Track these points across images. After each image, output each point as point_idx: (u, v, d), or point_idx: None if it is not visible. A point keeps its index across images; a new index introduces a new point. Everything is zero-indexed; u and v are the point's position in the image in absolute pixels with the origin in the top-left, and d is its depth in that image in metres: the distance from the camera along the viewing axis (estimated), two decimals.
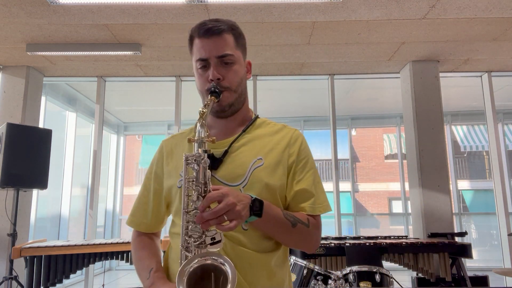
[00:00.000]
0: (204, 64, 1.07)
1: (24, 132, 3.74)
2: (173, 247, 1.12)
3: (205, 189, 0.90)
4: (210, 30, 1.06)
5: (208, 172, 0.91)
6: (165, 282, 1.03)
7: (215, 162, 1.04)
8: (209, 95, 1.03)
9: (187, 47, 1.15)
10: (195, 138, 0.94)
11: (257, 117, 1.19)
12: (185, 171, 0.93)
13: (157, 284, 1.02)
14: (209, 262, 0.84)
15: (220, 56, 1.06)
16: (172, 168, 1.14)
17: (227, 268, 0.83)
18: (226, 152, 1.07)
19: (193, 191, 0.89)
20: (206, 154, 0.92)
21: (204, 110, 0.98)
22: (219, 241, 0.87)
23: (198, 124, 0.96)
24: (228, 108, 1.10)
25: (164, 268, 1.12)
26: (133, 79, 5.13)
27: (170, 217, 1.20)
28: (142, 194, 1.20)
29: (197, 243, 0.87)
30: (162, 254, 1.18)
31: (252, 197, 0.96)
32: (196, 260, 0.84)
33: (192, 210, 0.89)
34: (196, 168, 0.90)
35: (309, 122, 7.02)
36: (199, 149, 0.93)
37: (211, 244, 0.87)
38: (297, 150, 1.12)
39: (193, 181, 0.90)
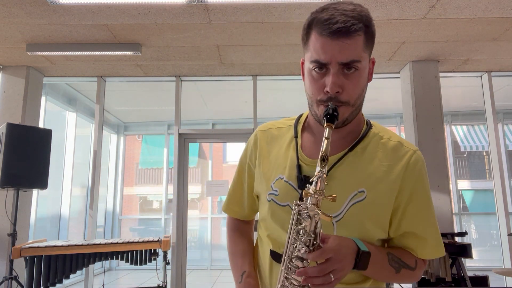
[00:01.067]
0: (321, 67, 0.88)
1: (24, 132, 3.74)
2: (260, 251, 1.09)
3: (314, 242, 0.81)
4: (339, 31, 0.84)
5: (320, 226, 0.81)
6: None
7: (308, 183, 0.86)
8: (325, 118, 0.84)
9: (187, 47, 1.11)
10: (312, 193, 0.79)
11: (369, 127, 1.00)
12: (292, 218, 0.82)
13: None
14: None
15: (345, 63, 0.86)
16: (264, 172, 1.03)
17: None
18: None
19: (299, 243, 0.81)
20: (320, 211, 0.80)
21: (326, 156, 0.79)
22: None
23: (319, 172, 0.79)
24: (341, 124, 0.92)
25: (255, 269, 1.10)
26: (133, 79, 5.13)
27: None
28: (236, 183, 1.15)
29: None
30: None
31: (359, 250, 0.84)
32: None
33: (296, 259, 0.82)
34: (307, 220, 0.81)
35: None
36: (317, 208, 0.80)
37: None
38: (412, 182, 0.93)
39: (300, 231, 0.81)
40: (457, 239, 4.07)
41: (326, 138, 0.81)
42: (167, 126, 7.54)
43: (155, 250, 3.62)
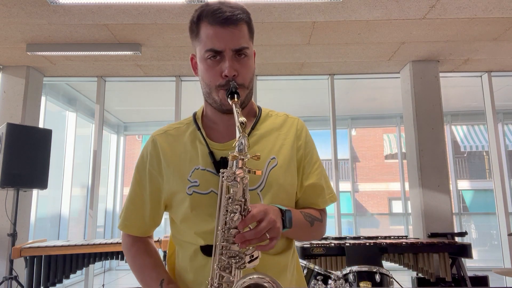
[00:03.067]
0: (216, 55, 0.96)
1: (24, 132, 3.74)
2: (180, 256, 1.06)
3: (245, 207, 0.85)
4: (228, 19, 0.95)
5: (248, 190, 0.86)
6: None
7: (227, 166, 0.92)
8: (229, 97, 0.93)
9: (187, 47, 1.11)
10: (237, 155, 0.85)
11: (260, 110, 1.12)
12: (221, 188, 0.87)
13: None
14: (263, 283, 0.78)
15: (237, 49, 0.97)
16: (175, 170, 1.03)
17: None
18: None
19: (231, 210, 0.84)
20: (247, 172, 0.85)
21: (245, 120, 0.87)
22: (256, 258, 0.85)
23: (240, 138, 0.86)
24: (239, 106, 0.99)
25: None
26: (133, 79, 5.13)
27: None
28: (135, 195, 1.08)
29: (239, 264, 0.84)
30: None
31: (282, 209, 0.92)
32: (246, 280, 0.78)
33: (228, 229, 0.84)
34: (235, 186, 0.84)
35: (309, 122, 7.02)
36: (243, 167, 0.85)
37: (249, 262, 0.84)
38: (303, 142, 1.09)
39: (230, 198, 0.85)
40: (457, 239, 4.07)
41: (237, 109, 0.89)
42: None
43: None
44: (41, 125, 4.88)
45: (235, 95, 0.92)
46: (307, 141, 1.10)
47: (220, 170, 0.87)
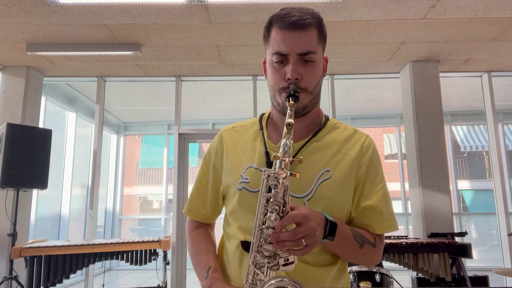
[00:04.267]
0: (282, 59, 0.99)
1: (24, 132, 3.74)
2: (228, 249, 1.09)
3: (284, 209, 0.85)
4: (296, 23, 0.97)
5: (288, 191, 0.86)
6: (223, 285, 1.01)
7: None
8: (287, 99, 0.94)
9: (187, 47, 1.11)
10: (280, 156, 0.86)
11: (327, 119, 1.11)
12: (262, 187, 0.87)
13: (216, 286, 1.00)
14: (287, 286, 0.78)
15: (302, 53, 0.98)
16: (232, 165, 1.08)
17: None
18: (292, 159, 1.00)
19: (270, 210, 0.85)
20: (289, 173, 0.85)
21: (292, 122, 0.88)
22: (291, 263, 0.84)
23: (284, 139, 0.87)
24: (301, 111, 1.02)
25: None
26: (133, 79, 5.13)
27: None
28: (200, 184, 1.16)
29: (272, 264, 0.84)
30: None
31: (327, 219, 0.91)
32: (273, 282, 0.78)
33: (266, 228, 0.84)
34: (276, 185, 0.85)
35: None
36: (284, 169, 0.85)
37: (284, 265, 0.83)
38: (367, 161, 1.04)
39: (270, 198, 0.85)
40: (457, 239, 4.07)
41: (290, 111, 0.91)
42: (167, 126, 7.53)
43: (155, 250, 3.62)
44: (41, 125, 4.88)
45: (293, 98, 0.94)
46: (372, 160, 1.05)
47: (263, 169, 0.89)
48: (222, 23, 3.63)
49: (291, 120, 0.89)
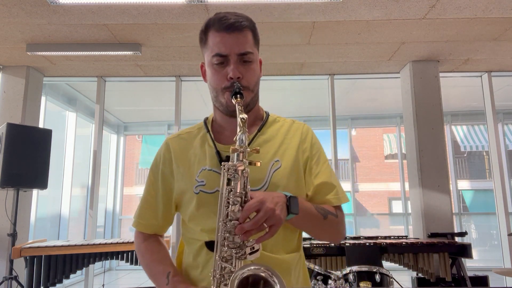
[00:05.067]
0: (222, 60, 1.03)
1: (24, 132, 3.74)
2: (187, 253, 1.10)
3: (245, 199, 0.88)
4: (233, 25, 1.02)
5: (248, 183, 0.89)
6: (187, 286, 1.00)
7: None
8: (233, 97, 0.98)
9: (187, 47, 1.12)
10: (238, 148, 0.90)
11: (268, 115, 1.16)
12: (222, 181, 0.90)
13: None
14: (260, 273, 0.81)
15: (241, 53, 1.03)
16: (185, 171, 1.09)
17: (276, 281, 0.80)
18: None
19: (232, 202, 0.87)
20: (247, 165, 0.89)
21: (245, 117, 0.92)
22: (257, 250, 0.87)
23: (240, 133, 0.91)
24: (244, 108, 1.04)
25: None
26: (133, 79, 5.13)
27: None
28: (149, 195, 1.15)
29: (239, 254, 0.86)
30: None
31: (287, 196, 0.94)
32: (244, 271, 0.81)
33: (230, 221, 0.87)
34: (235, 178, 0.88)
35: (309, 122, 7.02)
36: (243, 160, 0.89)
37: (250, 254, 0.86)
38: (309, 145, 1.12)
39: (231, 191, 0.88)
40: (457, 239, 4.07)
41: (239, 108, 0.95)
42: (167, 126, 7.53)
43: None
44: (41, 125, 4.88)
45: (239, 95, 0.98)
46: (313, 143, 1.13)
47: (222, 163, 0.92)
48: None
49: (245, 115, 0.93)
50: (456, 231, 4.60)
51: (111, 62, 4.55)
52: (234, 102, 0.97)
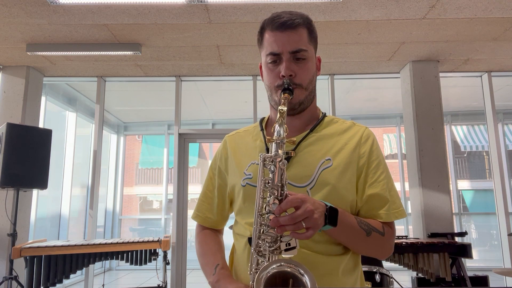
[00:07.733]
0: (275, 59, 1.04)
1: (24, 132, 3.74)
2: (237, 250, 1.09)
3: (282, 192, 0.85)
4: (285, 23, 1.02)
5: (285, 174, 0.87)
6: (231, 281, 1.00)
7: None
8: (282, 93, 0.98)
9: (187, 47, 1.12)
10: (274, 139, 0.89)
11: (324, 115, 1.15)
12: (260, 172, 0.89)
13: (223, 282, 1.00)
14: (288, 270, 0.79)
15: (294, 51, 1.02)
16: (236, 164, 1.11)
17: (307, 280, 0.77)
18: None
19: (269, 194, 0.85)
20: (284, 156, 0.88)
21: (284, 109, 0.92)
22: (294, 247, 0.83)
23: (277, 124, 0.90)
24: (298, 106, 1.06)
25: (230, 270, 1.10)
26: (133, 79, 5.13)
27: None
28: (207, 189, 1.20)
29: (272, 248, 0.83)
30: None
31: (327, 205, 0.91)
32: (274, 267, 0.78)
33: (267, 213, 0.85)
34: (273, 169, 0.86)
35: None
36: (279, 150, 0.88)
37: (286, 250, 0.83)
38: (368, 150, 1.05)
39: (268, 182, 0.86)
40: (457, 239, 4.07)
41: (284, 101, 0.95)
42: (167, 126, 7.54)
43: (155, 250, 3.62)
44: (41, 125, 4.88)
45: (288, 91, 0.98)
46: (373, 149, 1.06)
47: (260, 153, 0.92)
48: (222, 23, 3.63)
49: (283, 107, 0.92)
50: (456, 231, 4.60)
51: (111, 62, 4.55)
52: (282, 97, 0.97)
